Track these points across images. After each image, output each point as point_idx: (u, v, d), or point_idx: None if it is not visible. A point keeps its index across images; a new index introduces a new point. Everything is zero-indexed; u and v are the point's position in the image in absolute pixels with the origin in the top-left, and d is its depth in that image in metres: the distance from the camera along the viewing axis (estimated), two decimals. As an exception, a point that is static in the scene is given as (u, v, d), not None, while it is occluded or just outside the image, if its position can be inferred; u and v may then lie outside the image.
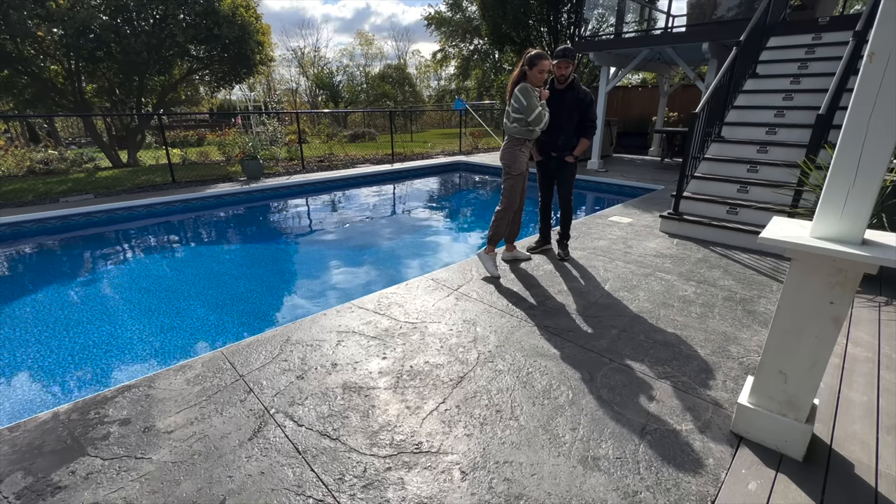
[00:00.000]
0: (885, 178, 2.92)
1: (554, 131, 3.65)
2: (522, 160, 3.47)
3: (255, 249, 5.69)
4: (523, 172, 3.53)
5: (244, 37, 10.08)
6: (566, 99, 3.60)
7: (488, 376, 2.31)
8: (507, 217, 3.59)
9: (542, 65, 3.25)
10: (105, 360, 3.06)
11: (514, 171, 3.46)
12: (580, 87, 3.61)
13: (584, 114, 3.61)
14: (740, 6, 8.17)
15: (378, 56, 32.94)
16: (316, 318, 2.93)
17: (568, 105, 3.60)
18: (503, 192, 3.54)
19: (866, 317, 2.96)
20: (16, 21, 7.81)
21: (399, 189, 9.51)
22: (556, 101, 3.59)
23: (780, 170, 4.78)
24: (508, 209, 3.56)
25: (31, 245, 5.52)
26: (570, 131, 3.68)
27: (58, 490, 1.61)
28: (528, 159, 3.53)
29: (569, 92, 3.60)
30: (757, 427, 1.83)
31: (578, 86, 3.61)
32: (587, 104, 3.59)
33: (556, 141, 3.71)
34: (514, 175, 3.47)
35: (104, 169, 9.86)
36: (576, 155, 3.73)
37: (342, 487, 1.64)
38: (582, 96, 3.58)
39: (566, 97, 3.60)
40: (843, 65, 4.05)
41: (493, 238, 3.64)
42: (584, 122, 3.64)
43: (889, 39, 1.35)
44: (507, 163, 3.46)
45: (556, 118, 3.57)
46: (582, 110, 3.60)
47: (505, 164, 3.47)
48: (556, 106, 3.58)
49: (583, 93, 3.59)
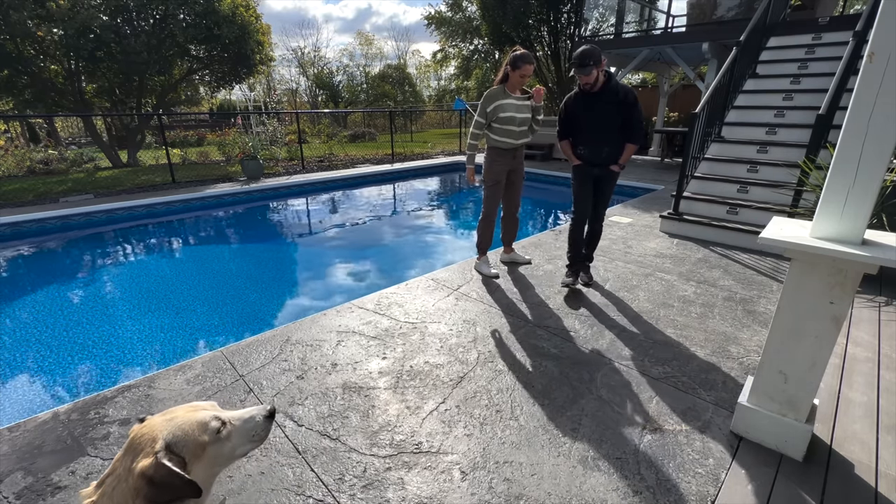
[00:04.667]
0: (885, 178, 2.92)
1: (595, 142, 3.12)
2: (496, 169, 3.41)
3: (254, 249, 5.69)
4: (499, 182, 3.46)
5: (244, 37, 10.08)
6: (602, 102, 3.01)
7: (488, 376, 2.31)
8: (488, 224, 3.62)
9: (524, 69, 3.10)
10: (105, 360, 3.06)
11: (488, 181, 3.46)
12: (619, 86, 3.00)
13: (627, 115, 3.01)
14: (740, 6, 8.18)
15: (378, 56, 32.94)
16: (316, 318, 2.93)
17: (606, 109, 3.02)
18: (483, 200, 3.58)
19: (866, 317, 2.96)
20: (16, 21, 7.81)
21: (399, 189, 9.51)
22: (591, 108, 3.07)
23: (780, 170, 4.78)
24: (486, 217, 3.58)
25: (31, 245, 5.52)
26: (615, 139, 3.08)
27: (58, 490, 1.61)
28: (505, 168, 3.43)
29: (605, 94, 2.99)
30: (757, 427, 1.83)
31: (617, 84, 3.01)
32: (630, 104, 2.98)
33: (599, 154, 3.13)
34: (487, 185, 3.48)
35: (104, 169, 9.86)
36: (622, 164, 3.15)
37: (342, 487, 1.64)
38: (622, 96, 2.98)
39: (602, 100, 3.00)
40: (843, 65, 4.05)
41: (479, 246, 3.72)
42: (629, 125, 3.03)
43: (889, 39, 1.35)
44: (483, 171, 3.48)
45: (594, 127, 3.09)
46: (625, 111, 3.00)
47: (482, 173, 3.49)
48: (591, 113, 3.07)
49: (623, 92, 2.99)
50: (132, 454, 0.86)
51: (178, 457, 0.87)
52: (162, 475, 0.83)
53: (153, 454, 0.84)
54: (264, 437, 1.04)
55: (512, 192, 3.62)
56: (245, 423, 1.00)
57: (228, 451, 0.98)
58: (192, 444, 0.90)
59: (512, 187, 3.60)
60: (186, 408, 0.97)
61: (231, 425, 0.98)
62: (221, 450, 0.96)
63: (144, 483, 0.82)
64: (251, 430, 1.01)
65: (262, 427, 1.03)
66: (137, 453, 0.85)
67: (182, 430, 0.90)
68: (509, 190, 3.61)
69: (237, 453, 1.01)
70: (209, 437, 0.93)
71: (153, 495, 0.82)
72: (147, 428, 0.89)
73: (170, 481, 0.83)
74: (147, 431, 0.88)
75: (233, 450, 0.99)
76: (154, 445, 0.85)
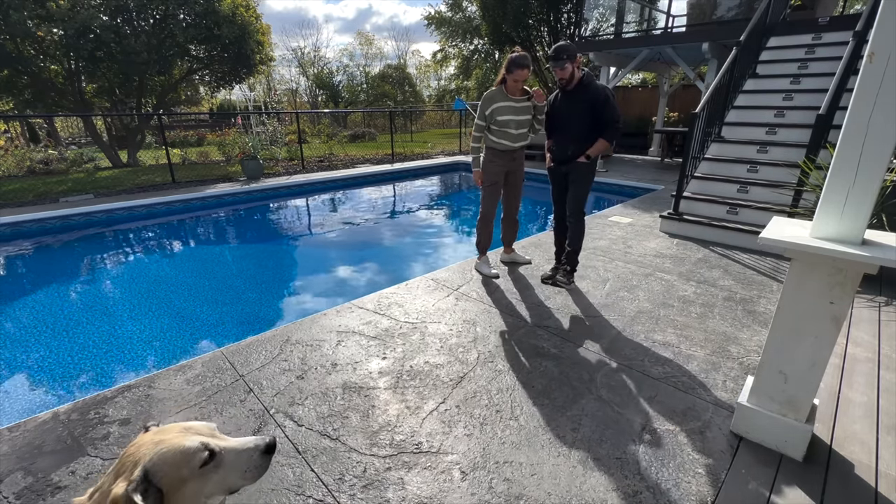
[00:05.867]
0: (885, 178, 2.92)
1: (562, 140, 3.23)
2: (493, 170, 3.41)
3: (254, 249, 5.69)
4: (495, 182, 3.46)
5: (244, 37, 10.08)
6: (575, 100, 3.11)
7: (488, 376, 2.31)
8: (486, 224, 3.62)
9: (517, 74, 3.07)
10: (105, 360, 3.06)
11: (486, 182, 3.46)
12: (592, 85, 3.06)
13: (598, 113, 3.05)
14: (740, 6, 8.17)
15: (378, 56, 32.94)
16: (316, 318, 2.93)
17: (575, 108, 3.11)
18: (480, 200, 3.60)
19: (866, 317, 2.96)
20: (16, 21, 7.81)
21: (399, 189, 9.51)
22: (564, 106, 3.17)
23: (780, 170, 4.78)
24: (484, 217, 3.59)
25: (31, 245, 5.52)
26: (582, 138, 3.13)
27: (58, 490, 1.61)
28: (503, 169, 3.42)
29: (578, 93, 3.08)
30: (757, 427, 1.83)
31: (590, 83, 3.07)
32: (600, 103, 3.01)
33: (565, 152, 3.22)
34: (485, 185, 3.47)
35: (104, 169, 9.86)
36: (589, 154, 3.14)
37: (342, 487, 1.64)
38: (593, 95, 3.03)
39: (575, 99, 3.10)
40: (843, 65, 4.05)
41: (478, 245, 3.73)
42: (600, 121, 3.07)
43: (889, 39, 1.35)
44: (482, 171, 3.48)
45: (563, 125, 3.19)
46: (595, 110, 3.04)
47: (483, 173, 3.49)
48: (563, 111, 3.17)
49: (594, 90, 3.04)
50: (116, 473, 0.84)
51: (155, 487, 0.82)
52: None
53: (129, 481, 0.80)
54: (259, 474, 0.94)
55: (511, 195, 3.60)
56: (238, 455, 0.91)
57: (215, 485, 0.90)
58: (170, 477, 0.84)
59: (511, 189, 3.58)
60: (179, 429, 0.91)
61: (221, 456, 0.89)
62: (204, 484, 0.88)
63: None
64: (243, 466, 0.91)
65: (256, 464, 0.93)
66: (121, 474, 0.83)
67: (163, 459, 0.84)
68: (508, 192, 3.59)
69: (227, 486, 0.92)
70: (188, 472, 0.85)
71: None
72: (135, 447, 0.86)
73: None
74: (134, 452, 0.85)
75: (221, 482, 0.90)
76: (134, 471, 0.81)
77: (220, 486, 0.90)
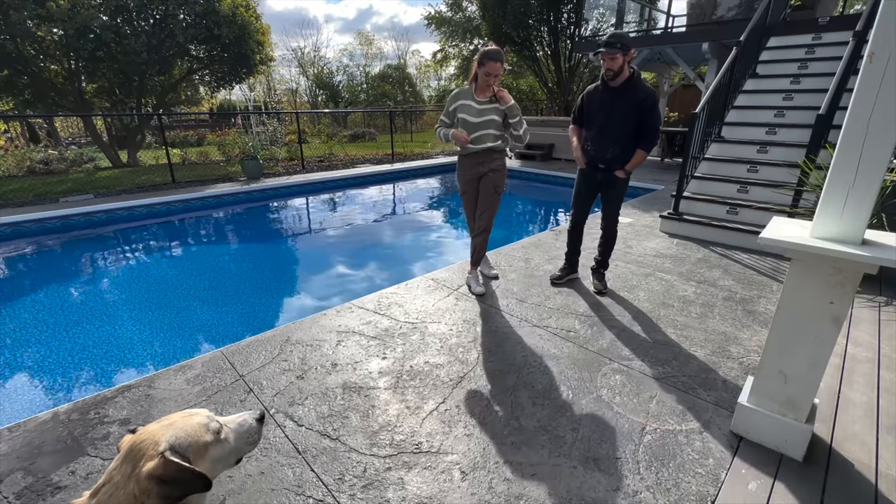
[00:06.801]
0: (885, 178, 2.92)
1: (602, 140, 3.00)
2: (462, 177, 3.19)
3: (254, 249, 5.69)
4: (466, 192, 3.23)
5: (244, 37, 10.09)
6: (620, 99, 2.88)
7: (488, 376, 2.31)
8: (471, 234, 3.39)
9: (489, 66, 2.80)
10: (105, 361, 3.06)
11: (459, 190, 3.27)
12: (641, 85, 2.85)
13: (643, 119, 2.85)
14: (740, 6, 8.18)
15: (378, 56, 32.93)
16: (316, 318, 2.93)
17: (619, 107, 2.89)
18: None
19: (866, 317, 2.96)
20: (16, 21, 7.82)
21: (399, 189, 9.51)
22: (607, 104, 2.94)
23: (780, 170, 4.78)
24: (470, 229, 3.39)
25: (31, 245, 5.52)
26: (625, 141, 2.94)
27: (58, 490, 1.61)
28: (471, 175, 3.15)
29: (625, 91, 2.86)
30: (757, 427, 1.83)
31: (639, 83, 2.86)
32: (648, 107, 2.82)
33: (604, 154, 3.01)
34: (460, 194, 3.30)
35: (104, 169, 9.87)
36: (628, 170, 3.01)
37: (342, 487, 1.64)
38: (642, 97, 2.82)
39: (620, 97, 2.87)
40: (843, 65, 4.05)
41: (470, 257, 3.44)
42: (644, 129, 2.88)
43: (889, 39, 1.35)
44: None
45: (604, 124, 2.97)
46: (641, 115, 2.85)
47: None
48: (606, 109, 2.95)
49: (643, 92, 2.82)
50: (132, 461, 0.86)
51: (182, 457, 0.88)
52: (172, 472, 0.84)
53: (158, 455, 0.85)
54: (258, 440, 1.10)
55: (479, 206, 3.19)
56: (239, 426, 1.06)
57: (228, 453, 1.01)
58: (195, 445, 0.92)
59: (480, 199, 3.17)
60: (182, 414, 0.99)
61: (228, 428, 1.03)
62: (222, 451, 0.99)
63: (154, 483, 0.82)
64: (246, 433, 1.06)
65: (254, 430, 1.08)
66: (139, 459, 0.85)
67: (184, 431, 0.92)
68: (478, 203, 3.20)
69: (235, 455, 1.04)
70: (211, 437, 0.96)
71: (165, 492, 0.83)
72: (145, 434, 0.90)
73: (180, 476, 0.85)
74: (146, 437, 0.89)
75: (231, 451, 1.02)
76: (157, 448, 0.86)
77: (233, 451, 1.03)
